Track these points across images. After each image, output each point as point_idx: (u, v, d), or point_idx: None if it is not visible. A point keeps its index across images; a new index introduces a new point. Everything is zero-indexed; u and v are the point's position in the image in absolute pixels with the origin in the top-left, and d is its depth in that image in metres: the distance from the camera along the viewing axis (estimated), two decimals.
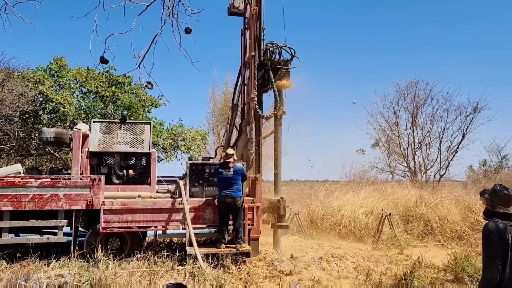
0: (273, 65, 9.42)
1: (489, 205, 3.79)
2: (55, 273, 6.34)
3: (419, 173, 23.85)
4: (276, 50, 9.52)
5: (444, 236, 10.98)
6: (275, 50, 9.52)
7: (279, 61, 9.50)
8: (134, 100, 19.41)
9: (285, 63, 9.59)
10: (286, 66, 9.56)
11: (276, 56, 9.51)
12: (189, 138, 21.16)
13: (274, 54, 9.52)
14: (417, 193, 14.15)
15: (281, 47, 9.53)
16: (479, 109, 22.22)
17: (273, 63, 9.44)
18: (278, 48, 9.51)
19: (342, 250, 9.10)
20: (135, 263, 7.50)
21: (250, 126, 9.12)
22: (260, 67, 9.42)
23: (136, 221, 8.00)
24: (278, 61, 9.50)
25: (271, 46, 9.51)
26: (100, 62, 3.58)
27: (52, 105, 15.83)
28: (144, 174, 8.91)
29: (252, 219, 8.52)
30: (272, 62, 9.44)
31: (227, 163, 8.05)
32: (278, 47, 9.51)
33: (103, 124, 8.81)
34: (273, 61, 9.46)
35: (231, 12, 9.88)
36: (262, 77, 9.54)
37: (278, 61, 9.49)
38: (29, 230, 8.16)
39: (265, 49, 9.50)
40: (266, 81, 9.46)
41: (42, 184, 7.66)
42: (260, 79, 9.46)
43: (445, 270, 7.69)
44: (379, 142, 25.65)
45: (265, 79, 9.48)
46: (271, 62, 9.42)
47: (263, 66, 9.47)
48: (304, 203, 15.06)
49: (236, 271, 7.45)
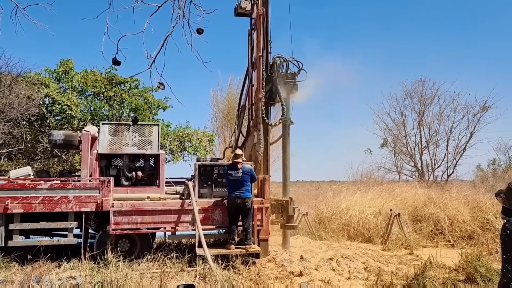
0: (280, 78, 9.44)
1: (506, 203, 3.76)
2: (66, 274, 6.36)
3: (426, 173, 23.74)
4: (283, 63, 9.56)
5: (454, 236, 10.89)
6: (283, 64, 9.56)
7: (286, 75, 9.53)
8: (141, 102, 19.48)
9: (292, 76, 9.63)
10: (293, 79, 9.59)
11: (283, 70, 9.54)
12: (195, 140, 21.19)
13: (282, 68, 9.56)
14: (425, 192, 14.10)
15: (288, 60, 9.57)
16: (486, 108, 22.11)
17: (281, 77, 9.46)
18: (285, 62, 9.55)
19: (351, 250, 9.06)
20: (145, 264, 7.52)
21: (258, 127, 9.11)
22: (267, 80, 9.43)
23: (146, 223, 8.01)
24: (286, 74, 9.52)
25: (278, 59, 9.55)
26: (113, 63, 3.59)
27: (58, 107, 15.90)
28: (152, 176, 8.91)
29: (261, 219, 8.50)
30: (280, 75, 9.46)
31: (236, 164, 8.04)
32: (286, 61, 9.56)
33: (112, 126, 8.83)
34: (281, 74, 9.48)
35: (237, 13, 9.87)
36: (270, 90, 9.52)
37: (285, 74, 9.52)
38: (39, 232, 8.20)
39: (272, 63, 9.51)
40: (273, 94, 9.46)
41: (52, 186, 7.69)
42: (267, 92, 9.45)
43: (456, 270, 7.62)
44: (386, 142, 25.57)
45: (273, 92, 9.48)
46: (279, 75, 9.44)
47: (271, 79, 9.47)
48: (311, 204, 15.05)
49: (246, 272, 7.44)
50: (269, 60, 9.47)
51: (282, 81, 9.46)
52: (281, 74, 9.50)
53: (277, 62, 9.49)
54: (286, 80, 9.50)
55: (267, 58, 9.46)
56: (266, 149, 9.32)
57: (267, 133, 9.45)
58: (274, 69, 9.43)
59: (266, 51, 9.47)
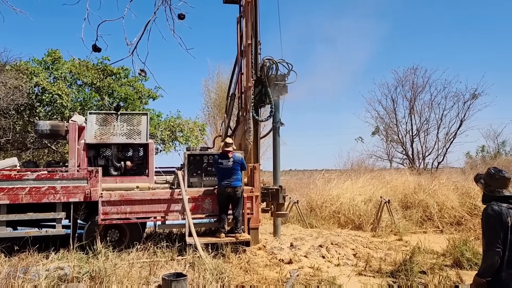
0: (270, 81, 9.39)
1: (487, 190, 3.75)
2: (54, 265, 6.31)
3: (417, 161, 23.90)
4: (273, 65, 9.49)
5: (442, 222, 11.01)
6: (272, 66, 9.50)
7: (276, 77, 9.47)
8: (131, 92, 19.30)
9: (282, 78, 9.57)
10: (283, 81, 9.54)
11: (273, 72, 9.48)
12: (187, 129, 21.10)
13: (271, 70, 9.49)
14: (415, 180, 14.19)
15: (278, 62, 9.49)
16: (476, 96, 22.22)
17: (270, 79, 9.41)
18: (275, 64, 9.48)
19: (341, 237, 9.12)
20: (134, 254, 7.48)
21: (248, 115, 9.07)
22: (257, 83, 9.37)
23: (135, 212, 7.97)
24: (276, 76, 9.46)
25: (268, 61, 9.48)
26: (93, 50, 3.51)
27: (49, 97, 15.69)
28: (142, 165, 8.86)
29: (251, 208, 8.50)
30: (269, 78, 9.41)
31: (227, 153, 8.00)
32: (275, 63, 9.49)
33: (99, 115, 8.74)
34: (270, 77, 9.43)
35: (226, 0, 9.77)
36: (259, 92, 9.47)
37: (275, 76, 9.46)
38: (27, 224, 8.13)
39: (262, 65, 9.45)
40: (263, 96, 9.43)
41: (39, 177, 7.60)
42: (257, 95, 9.40)
43: (444, 255, 7.72)
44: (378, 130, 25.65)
45: (263, 94, 9.45)
46: (268, 78, 9.39)
47: (261, 82, 9.40)
48: (303, 192, 15.09)
49: (236, 260, 7.46)
50: (258, 65, 9.41)
51: (272, 83, 9.42)
52: (271, 76, 9.45)
53: (266, 64, 9.45)
54: (276, 82, 9.45)
55: (256, 65, 9.40)
56: (256, 137, 9.30)
57: (257, 121, 9.42)
58: (263, 71, 9.39)
59: (255, 39, 9.41)
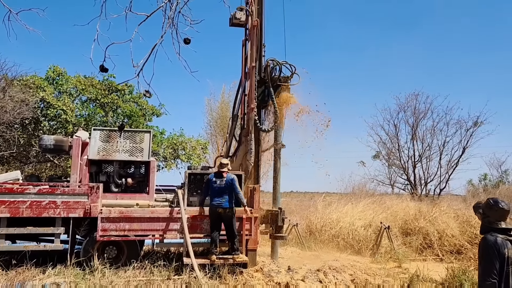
0: (273, 81, 9.51)
1: (485, 220, 3.76)
2: (50, 280, 6.30)
3: (419, 187, 23.82)
4: (276, 66, 9.62)
5: (442, 250, 10.92)
6: (276, 67, 9.62)
7: (279, 78, 9.60)
8: (135, 108, 19.49)
9: (285, 79, 9.69)
10: (286, 82, 9.66)
11: (276, 73, 9.61)
12: (189, 148, 21.19)
13: (275, 71, 9.62)
14: (416, 206, 14.12)
15: (281, 63, 9.62)
16: (479, 123, 22.28)
17: (273, 80, 9.53)
18: (278, 65, 9.60)
19: (339, 262, 9.03)
20: (131, 272, 7.47)
21: (250, 136, 9.15)
22: (260, 83, 9.49)
23: (134, 230, 7.98)
24: (279, 78, 9.59)
25: (271, 62, 9.60)
26: (100, 70, 3.62)
27: (53, 112, 15.88)
28: (142, 183, 8.90)
29: (250, 229, 8.48)
30: (272, 78, 9.53)
31: (221, 173, 8.04)
32: (279, 64, 9.60)
33: (103, 132, 8.84)
34: (273, 77, 9.55)
35: (232, 23, 9.96)
36: (262, 93, 9.58)
37: (278, 77, 9.59)
38: (26, 237, 8.13)
39: (266, 66, 9.58)
40: (266, 97, 9.52)
41: (40, 191, 7.66)
42: (260, 95, 9.52)
43: (442, 285, 7.65)
44: (379, 154, 25.67)
45: (265, 95, 9.54)
46: (271, 78, 9.51)
47: (263, 82, 9.53)
48: (303, 215, 15.01)
49: (233, 281, 7.42)
50: (262, 65, 9.55)
51: (275, 84, 9.51)
52: (274, 77, 9.55)
53: (270, 65, 9.56)
54: (279, 83, 9.56)
55: (260, 65, 9.54)
56: (257, 159, 9.35)
57: (259, 142, 9.49)
58: (267, 72, 9.50)
59: (259, 61, 9.56)
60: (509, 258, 3.55)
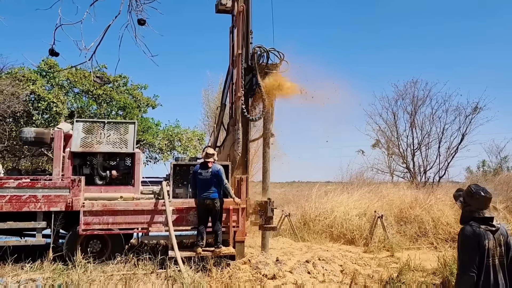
0: (261, 69, 9.22)
1: (466, 210, 3.53)
2: (26, 276, 6.15)
3: (418, 174, 23.56)
4: (264, 53, 9.32)
5: (437, 238, 10.72)
6: (263, 54, 9.32)
7: (267, 65, 9.30)
8: (130, 100, 19.27)
9: (274, 67, 9.39)
10: (274, 70, 9.36)
11: (264, 60, 9.31)
12: (185, 139, 21.01)
13: (262, 58, 9.33)
14: (412, 194, 13.90)
15: (269, 50, 9.32)
16: (478, 109, 21.92)
17: (261, 67, 9.24)
18: (266, 52, 9.31)
19: (330, 252, 8.86)
20: (115, 266, 7.32)
21: (237, 126, 8.93)
22: (247, 71, 9.20)
23: (118, 223, 7.81)
24: (266, 65, 9.30)
25: (258, 49, 9.29)
26: (49, 54, 3.41)
27: (44, 104, 15.67)
28: (128, 175, 8.72)
29: (237, 221, 8.30)
30: (260, 66, 9.24)
31: (207, 164, 7.82)
32: (266, 51, 9.30)
33: (86, 123, 8.64)
34: (261, 65, 9.26)
35: (218, 10, 9.68)
36: (250, 81, 9.30)
37: (266, 65, 9.29)
38: (7, 232, 7.99)
39: (253, 53, 9.28)
40: (254, 85, 9.22)
41: (20, 185, 7.48)
42: (247, 83, 9.23)
43: (434, 274, 7.46)
44: (378, 143, 25.38)
45: (253, 83, 9.23)
46: (259, 66, 9.23)
47: (251, 70, 9.24)
48: (299, 204, 14.83)
49: (219, 274, 7.26)
50: (249, 53, 9.27)
51: (263, 71, 9.22)
52: (262, 64, 9.27)
53: (257, 52, 9.26)
54: (267, 71, 9.27)
55: (247, 53, 9.26)
56: (245, 149, 9.13)
57: (247, 132, 9.26)
58: (254, 59, 9.22)
59: (246, 48, 9.28)
60: (489, 250, 3.33)
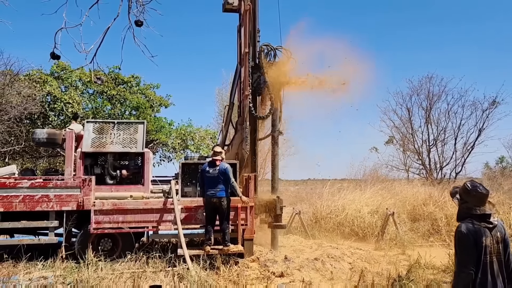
0: (268, 66, 9.20)
1: (463, 206, 3.49)
2: (38, 274, 6.30)
3: (434, 171, 23.19)
4: (271, 52, 9.32)
5: (450, 236, 10.52)
6: (270, 52, 9.32)
7: (274, 63, 9.29)
8: (143, 100, 19.50)
9: (281, 64, 9.35)
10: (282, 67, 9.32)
11: (271, 58, 9.31)
12: (198, 138, 21.16)
13: (269, 56, 9.32)
14: (426, 191, 13.72)
15: (275, 48, 9.32)
16: (496, 104, 21.41)
17: (268, 65, 9.23)
18: (272, 50, 9.31)
19: (340, 250, 8.81)
20: (125, 264, 7.43)
21: (245, 124, 8.95)
22: (255, 69, 9.21)
23: (128, 222, 7.92)
24: (274, 63, 9.29)
25: (265, 48, 9.31)
26: (51, 57, 3.48)
27: (60, 105, 15.99)
28: (138, 174, 8.84)
29: (246, 219, 8.33)
30: (267, 64, 9.23)
31: (215, 162, 7.86)
32: (273, 49, 9.30)
33: (96, 124, 8.78)
34: (268, 63, 9.25)
35: (225, 9, 9.73)
36: (258, 79, 9.30)
37: (273, 63, 9.28)
38: (21, 231, 8.19)
39: (260, 51, 9.28)
40: (261, 83, 9.23)
41: (32, 185, 7.66)
42: (255, 81, 9.23)
43: (444, 271, 7.36)
44: (392, 139, 25.05)
45: (261, 81, 9.23)
46: (266, 64, 9.21)
47: (258, 68, 9.24)
48: (312, 202, 14.78)
49: (227, 272, 7.30)
50: (256, 51, 9.27)
51: (270, 69, 9.19)
52: (269, 63, 9.26)
53: (264, 50, 9.26)
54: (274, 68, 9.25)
55: (254, 51, 9.26)
56: (253, 147, 9.15)
57: (255, 130, 9.28)
58: (261, 57, 9.22)
59: (253, 47, 9.29)
60: (487, 247, 3.28)
